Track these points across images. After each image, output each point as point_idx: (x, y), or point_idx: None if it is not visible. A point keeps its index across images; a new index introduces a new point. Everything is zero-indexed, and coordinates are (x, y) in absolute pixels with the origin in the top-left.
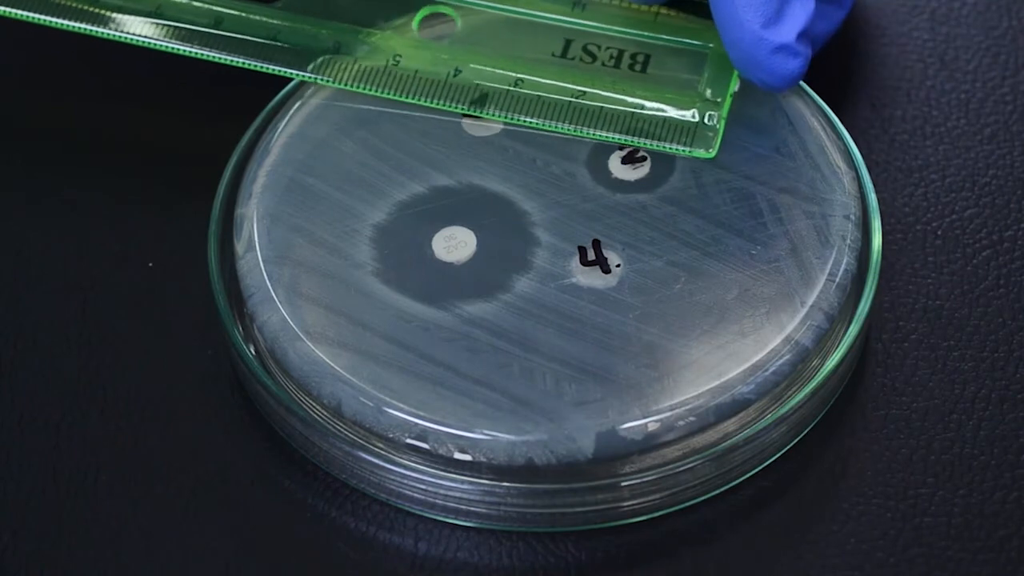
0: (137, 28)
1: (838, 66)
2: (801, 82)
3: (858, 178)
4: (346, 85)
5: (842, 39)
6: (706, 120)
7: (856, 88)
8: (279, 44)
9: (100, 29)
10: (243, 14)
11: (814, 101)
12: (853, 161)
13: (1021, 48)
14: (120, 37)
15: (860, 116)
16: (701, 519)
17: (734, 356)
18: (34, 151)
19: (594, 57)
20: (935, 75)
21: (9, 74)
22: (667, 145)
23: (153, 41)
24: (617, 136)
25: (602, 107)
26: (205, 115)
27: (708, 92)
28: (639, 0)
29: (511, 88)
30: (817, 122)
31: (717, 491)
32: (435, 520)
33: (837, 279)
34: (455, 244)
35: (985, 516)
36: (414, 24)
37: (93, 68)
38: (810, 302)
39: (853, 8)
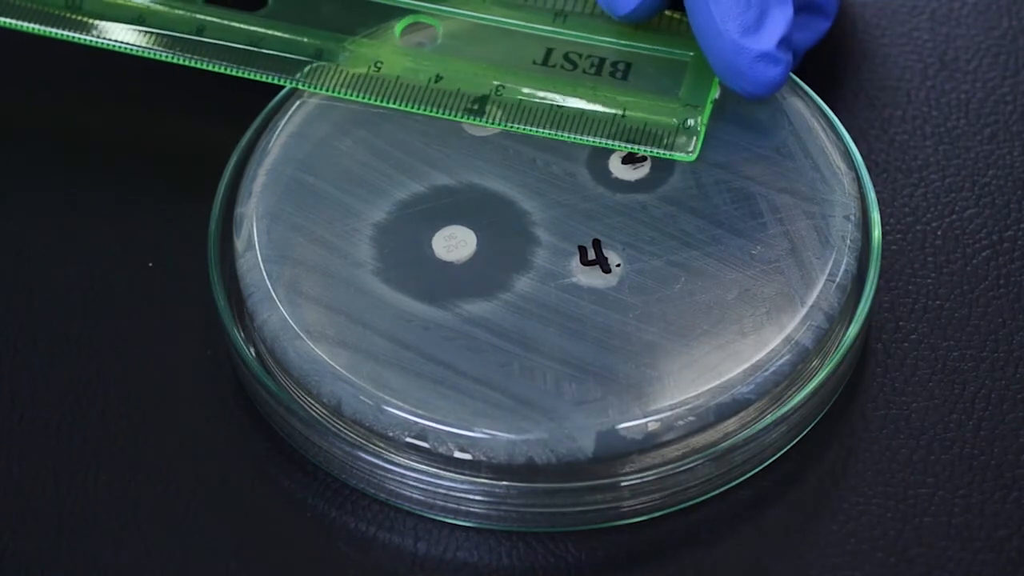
0: (120, 35)
1: (839, 66)
2: (801, 82)
3: (858, 178)
4: (328, 91)
5: (842, 39)
6: (686, 125)
7: (856, 88)
8: (261, 51)
9: (83, 36)
10: (225, 22)
11: (814, 101)
12: (853, 161)
13: (1021, 48)
14: (103, 44)
15: (860, 116)
16: (701, 519)
17: (734, 356)
18: (34, 151)
19: (575, 65)
20: (935, 75)
21: (9, 74)
22: (647, 149)
23: (136, 48)
24: (597, 140)
25: (583, 112)
26: (205, 115)
27: (689, 99)
28: (621, 19)
29: (492, 94)
30: (817, 122)
31: (717, 491)
32: (435, 520)
33: (837, 279)
34: (455, 243)
35: (985, 516)
36: (396, 32)
37: (93, 68)
38: (810, 302)
39: (854, 8)
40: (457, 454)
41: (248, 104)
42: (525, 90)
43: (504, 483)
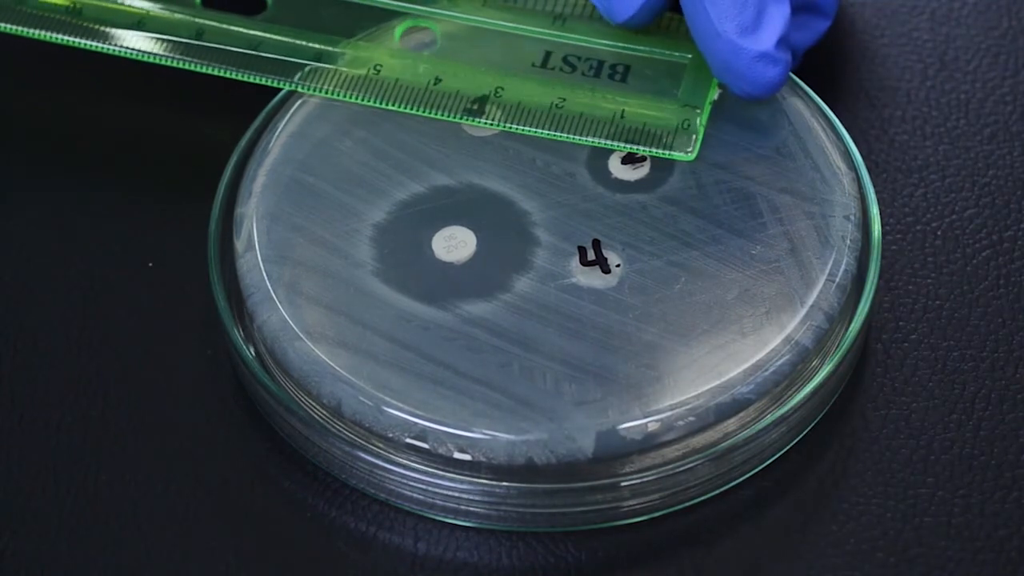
0: (120, 40)
1: (838, 66)
2: (801, 82)
3: (858, 178)
4: (327, 94)
5: (842, 39)
6: (685, 125)
7: (857, 88)
8: (261, 55)
9: (84, 41)
10: (224, 26)
11: (814, 101)
12: (853, 161)
13: (1021, 48)
14: (103, 49)
15: (860, 116)
16: (701, 519)
17: (734, 356)
18: (34, 151)
19: (574, 68)
20: (935, 75)
21: (9, 74)
22: (646, 149)
23: (136, 53)
24: (597, 140)
25: (582, 112)
26: (205, 115)
27: (687, 100)
28: (619, 25)
29: (491, 95)
30: (817, 122)
31: (717, 491)
32: (435, 520)
33: (837, 279)
34: (455, 244)
35: (985, 516)
36: (395, 35)
37: (93, 68)
38: (810, 302)
39: (854, 8)
40: (457, 455)
41: (248, 104)
42: (524, 92)
43: (504, 484)
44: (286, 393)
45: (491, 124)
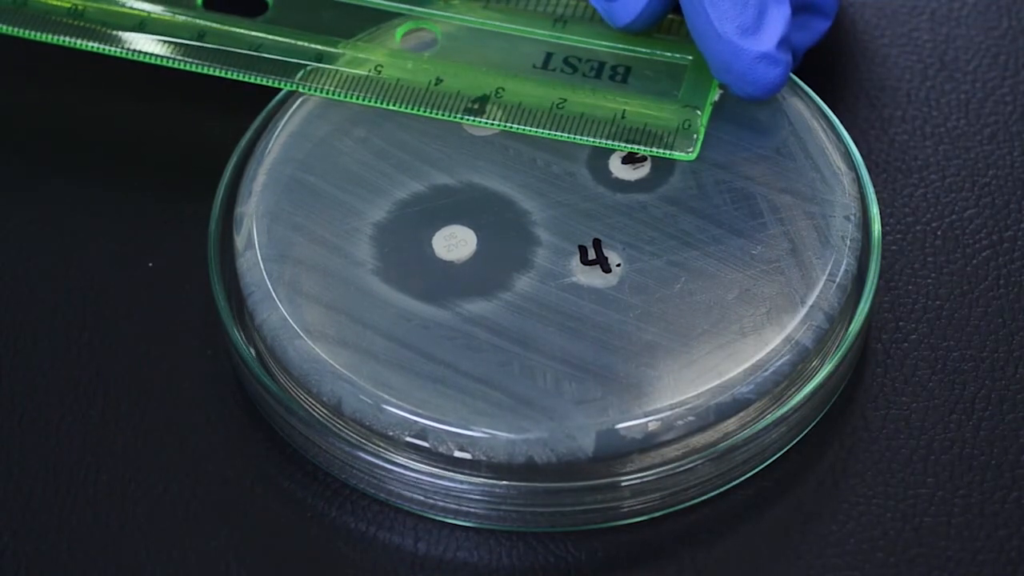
0: (121, 42)
1: (838, 66)
2: (801, 82)
3: (858, 179)
4: (329, 94)
5: (842, 39)
6: (686, 125)
7: (856, 88)
8: (262, 56)
9: (86, 43)
10: (225, 27)
11: (814, 102)
12: (853, 162)
13: (1021, 48)
14: (105, 51)
15: (860, 116)
16: (701, 519)
17: (734, 356)
18: (34, 151)
19: (575, 69)
20: (935, 75)
21: (9, 74)
22: (647, 149)
23: (138, 54)
24: (597, 140)
25: (583, 112)
26: (205, 114)
27: (688, 100)
28: (620, 30)
29: (492, 95)
30: (817, 123)
31: (717, 491)
32: (435, 520)
33: (837, 279)
34: (455, 243)
35: (985, 516)
36: (396, 37)
37: (93, 67)
38: (810, 302)
39: (854, 8)
40: (457, 453)
41: (248, 104)
42: (525, 92)
43: (504, 483)
44: (286, 392)
45: (492, 124)
